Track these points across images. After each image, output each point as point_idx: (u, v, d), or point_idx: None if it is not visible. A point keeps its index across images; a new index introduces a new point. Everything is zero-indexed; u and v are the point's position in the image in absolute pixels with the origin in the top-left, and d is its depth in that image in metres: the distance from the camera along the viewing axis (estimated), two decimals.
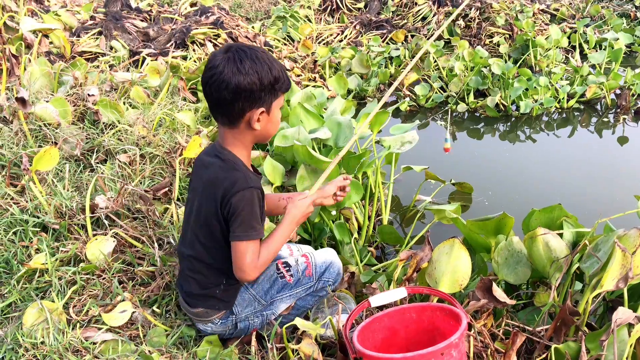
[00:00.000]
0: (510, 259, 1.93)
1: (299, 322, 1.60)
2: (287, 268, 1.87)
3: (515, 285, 2.03)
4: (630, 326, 1.60)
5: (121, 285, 1.99)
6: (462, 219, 2.02)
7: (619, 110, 4.44)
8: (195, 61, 4.03)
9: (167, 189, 2.34)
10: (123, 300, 1.90)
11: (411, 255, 1.87)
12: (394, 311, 1.70)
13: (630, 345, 1.57)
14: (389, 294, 1.69)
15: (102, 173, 2.44)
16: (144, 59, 3.88)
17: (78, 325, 1.78)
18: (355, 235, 2.55)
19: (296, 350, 1.60)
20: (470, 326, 1.68)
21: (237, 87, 1.56)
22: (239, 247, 1.65)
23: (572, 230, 1.95)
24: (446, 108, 4.57)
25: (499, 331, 1.76)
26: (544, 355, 1.68)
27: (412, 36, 5.63)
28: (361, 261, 2.51)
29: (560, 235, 1.96)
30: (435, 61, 4.95)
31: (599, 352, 1.60)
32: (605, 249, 1.71)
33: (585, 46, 5.43)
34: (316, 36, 5.60)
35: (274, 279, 1.85)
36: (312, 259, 1.89)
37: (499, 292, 1.67)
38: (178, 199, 2.44)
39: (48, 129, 2.62)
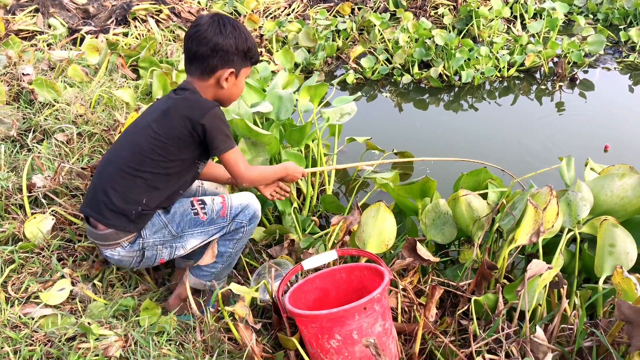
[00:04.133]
0: (437, 220, 2.04)
1: (234, 287, 1.67)
2: (202, 205, 1.89)
3: (444, 245, 2.15)
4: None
5: (61, 262, 2.01)
6: (391, 184, 2.11)
7: (555, 77, 4.62)
8: (136, 38, 3.97)
9: None
10: (62, 276, 1.92)
11: (342, 220, 1.95)
12: (325, 272, 1.79)
13: (539, 292, 1.69)
14: (320, 257, 1.77)
15: (39, 153, 2.42)
16: (84, 36, 3.80)
17: (17, 302, 1.79)
18: (296, 205, 2.62)
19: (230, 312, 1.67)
20: (394, 283, 1.79)
21: (216, 45, 1.77)
22: (230, 157, 1.85)
23: (495, 190, 2.07)
24: None
25: (425, 287, 1.88)
26: (465, 307, 1.80)
27: (359, 9, 5.66)
28: (305, 230, 2.58)
29: (485, 196, 2.08)
30: (381, 33, 5.01)
31: (516, 301, 1.73)
32: (520, 207, 1.83)
33: (526, 16, 5.59)
34: (263, 10, 5.56)
35: (187, 213, 1.87)
36: (228, 200, 1.91)
37: (423, 251, 1.78)
38: None
39: None
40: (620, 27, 5.53)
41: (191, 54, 1.82)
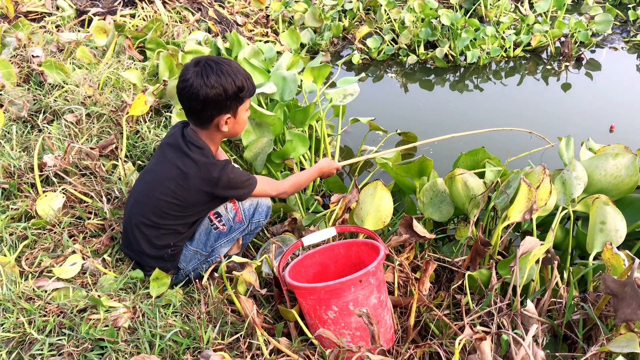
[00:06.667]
0: (435, 198, 2.09)
1: (236, 258, 1.75)
2: (219, 218, 2.02)
3: (442, 223, 2.20)
4: None
5: (72, 238, 2.09)
6: (390, 164, 2.16)
7: (562, 57, 4.61)
8: (143, 19, 4.02)
9: (113, 145, 2.41)
10: (74, 252, 2.00)
11: (341, 198, 2.01)
12: (324, 248, 1.86)
13: (531, 267, 1.75)
14: (320, 233, 1.83)
15: (49, 133, 2.49)
16: (91, 18, 3.85)
17: (30, 276, 1.88)
18: None
19: (234, 285, 1.75)
20: (390, 258, 1.85)
21: (205, 98, 1.78)
22: (258, 193, 2.01)
23: (492, 169, 2.12)
24: None
25: (421, 263, 1.94)
26: (460, 282, 1.86)
27: None
28: (308, 209, 2.65)
29: (482, 175, 2.13)
30: (387, 13, 5.01)
31: (509, 276, 1.78)
32: (515, 185, 1.88)
33: None
34: None
35: (209, 230, 2.02)
36: (239, 204, 2.04)
37: (419, 228, 1.83)
38: (126, 156, 2.52)
39: None
40: (629, 5, 5.48)
41: (186, 109, 1.87)
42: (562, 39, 4.76)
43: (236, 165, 2.02)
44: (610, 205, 1.81)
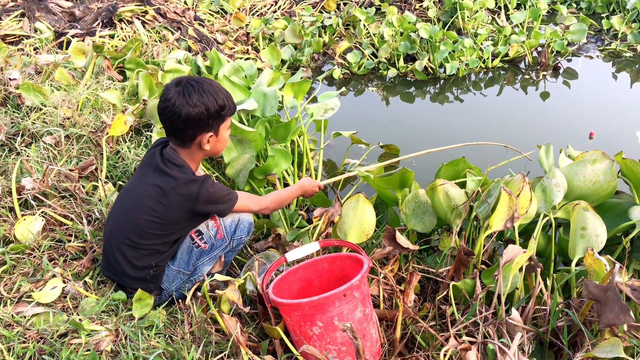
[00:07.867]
0: (418, 210, 2.10)
1: (219, 276, 1.73)
2: (200, 236, 2.00)
3: (425, 234, 2.20)
4: None
5: (52, 261, 2.06)
6: (371, 176, 2.17)
7: (539, 67, 4.69)
8: (122, 39, 4.01)
9: (93, 166, 2.38)
10: (54, 275, 1.97)
11: (324, 212, 2.01)
12: (308, 263, 1.84)
13: (514, 275, 1.75)
14: (303, 249, 1.82)
15: (27, 156, 2.46)
16: (70, 40, 3.83)
17: (9, 302, 1.84)
18: None
19: (217, 304, 1.73)
20: (375, 271, 1.84)
21: (188, 117, 1.80)
22: (239, 208, 2.00)
23: (473, 179, 2.13)
24: None
25: (406, 275, 1.93)
26: (445, 293, 1.86)
27: (345, 4, 5.70)
28: (292, 224, 2.64)
29: (463, 185, 2.14)
30: (366, 28, 5.06)
31: (493, 285, 1.79)
32: (496, 194, 1.89)
33: (510, 7, 5.64)
34: (250, 8, 5.60)
35: (190, 249, 2.00)
36: (220, 221, 2.02)
37: (402, 239, 1.83)
38: (107, 177, 2.49)
39: None
40: (602, 15, 5.60)
41: (167, 128, 1.88)
42: (539, 48, 4.85)
43: (216, 181, 2.01)
44: (590, 211, 1.83)
